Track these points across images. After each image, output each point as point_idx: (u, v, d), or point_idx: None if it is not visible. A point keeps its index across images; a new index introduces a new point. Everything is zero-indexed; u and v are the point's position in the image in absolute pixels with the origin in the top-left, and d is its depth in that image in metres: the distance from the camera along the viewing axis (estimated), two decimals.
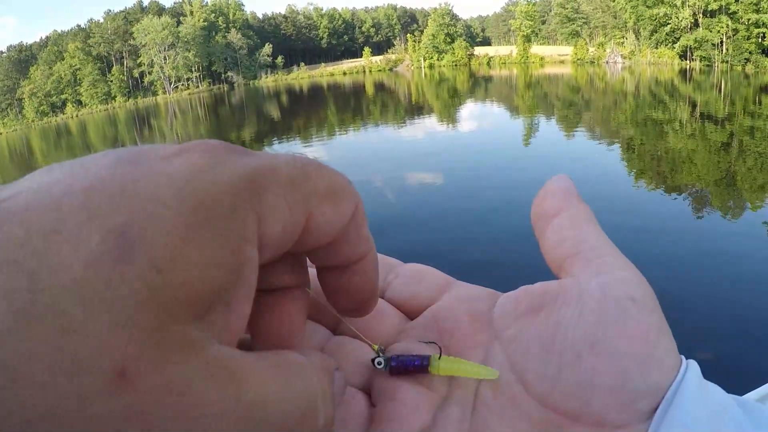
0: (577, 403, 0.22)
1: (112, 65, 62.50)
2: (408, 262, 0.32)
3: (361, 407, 0.26)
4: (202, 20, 61.80)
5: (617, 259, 0.25)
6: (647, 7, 41.32)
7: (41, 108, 59.49)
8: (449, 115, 18.23)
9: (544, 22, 66.26)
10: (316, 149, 13.28)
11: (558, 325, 0.24)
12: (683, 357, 0.24)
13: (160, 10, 66.45)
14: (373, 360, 0.27)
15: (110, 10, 65.61)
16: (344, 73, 58.10)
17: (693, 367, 0.23)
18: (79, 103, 60.37)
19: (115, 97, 61.47)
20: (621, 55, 46.38)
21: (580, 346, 0.23)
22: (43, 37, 66.12)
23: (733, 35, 35.55)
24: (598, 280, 0.24)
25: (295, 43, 74.79)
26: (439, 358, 0.26)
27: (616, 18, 50.96)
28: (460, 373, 0.25)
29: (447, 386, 0.26)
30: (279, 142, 16.04)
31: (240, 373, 0.16)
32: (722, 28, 36.00)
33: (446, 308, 0.29)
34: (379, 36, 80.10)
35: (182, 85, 61.59)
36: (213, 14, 63.06)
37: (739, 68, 33.64)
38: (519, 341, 0.25)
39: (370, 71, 59.31)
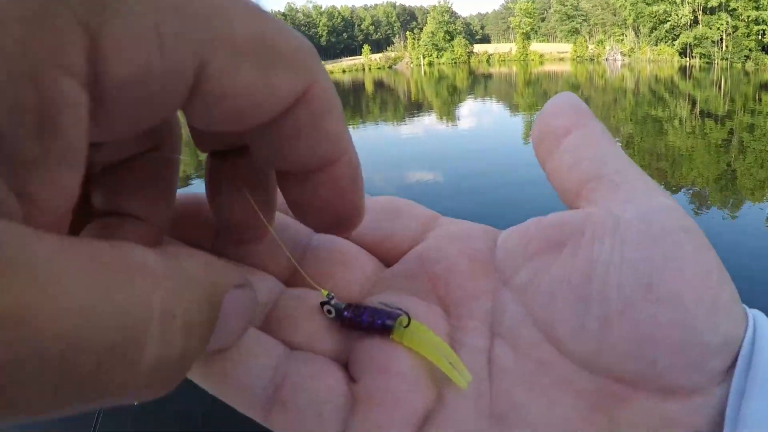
0: (637, 365, 0.17)
1: None
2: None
3: (337, 384, 0.20)
4: None
5: (650, 184, 0.20)
6: (647, 4, 41.31)
7: None
8: (449, 113, 18.21)
9: (543, 20, 66.22)
10: None
11: (593, 264, 0.19)
12: (744, 305, 0.19)
13: None
14: (322, 305, 0.21)
15: None
16: (343, 71, 57.95)
17: (761, 317, 0.19)
18: None
19: None
20: (620, 52, 46.37)
21: (631, 290, 0.18)
22: None
23: (733, 32, 35.56)
24: (636, 208, 0.19)
25: None
26: (407, 325, 0.20)
27: (615, 15, 50.96)
28: (427, 354, 0.20)
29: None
30: None
31: (6, 264, 0.09)
32: (722, 25, 36.02)
33: (435, 249, 0.23)
34: (379, 34, 80.00)
35: None
36: None
37: (739, 65, 33.63)
38: (537, 287, 0.20)
39: (370, 69, 59.17)
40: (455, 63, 56.28)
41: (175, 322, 0.12)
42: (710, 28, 37.16)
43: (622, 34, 48.72)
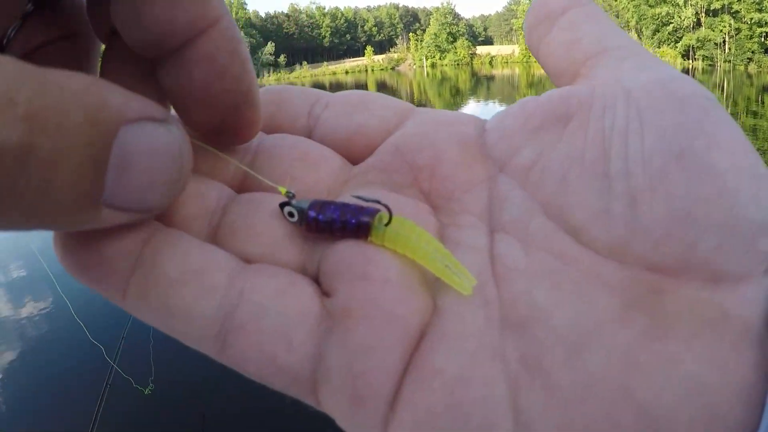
0: (676, 249, 0.15)
1: None
2: None
3: (308, 300, 0.16)
4: None
5: (657, 59, 0.18)
6: (649, 6, 41.32)
7: None
8: None
9: None
10: None
11: (607, 134, 0.16)
12: None
13: None
14: (282, 207, 0.17)
15: None
16: (346, 72, 58.00)
17: None
18: None
19: None
20: None
21: (660, 160, 0.15)
22: None
23: (736, 34, 35.54)
24: (647, 76, 0.17)
25: (298, 41, 74.75)
26: (388, 222, 0.16)
27: (618, 17, 50.96)
28: (416, 256, 0.16)
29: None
30: None
31: None
32: (725, 27, 36.01)
33: (416, 136, 0.20)
34: (382, 35, 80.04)
35: None
36: None
37: (742, 68, 33.62)
38: (544, 168, 0.17)
39: (372, 70, 59.21)
40: (458, 64, 56.27)
41: (14, 110, 0.11)
42: (713, 30, 37.14)
43: None
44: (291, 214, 0.17)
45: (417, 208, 0.18)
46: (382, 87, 34.79)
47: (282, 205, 0.17)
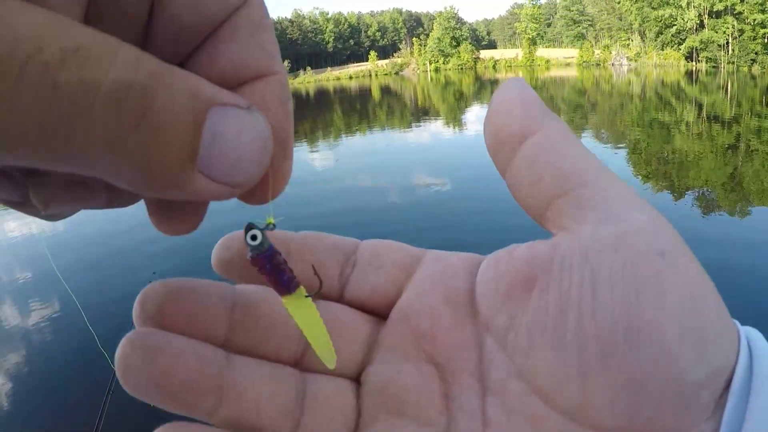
0: (622, 415, 0.16)
1: None
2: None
3: (345, 404, 0.21)
4: None
5: (623, 196, 0.18)
6: (652, 8, 41.31)
7: None
8: (455, 119, 18.29)
9: (549, 25, 66.25)
10: (322, 153, 13.40)
11: (564, 304, 0.17)
12: (737, 322, 0.18)
13: None
14: (246, 231, 0.20)
15: None
16: (350, 77, 58.14)
17: (757, 338, 0.17)
18: None
19: None
20: (626, 57, 46.34)
21: (609, 332, 0.16)
22: None
23: (739, 36, 35.48)
24: (605, 231, 0.17)
25: (302, 47, 75.02)
26: (307, 295, 0.21)
27: (621, 20, 50.96)
28: (304, 328, 0.20)
29: (445, 414, 0.20)
30: None
31: None
32: (728, 28, 35.97)
33: (417, 300, 0.22)
34: (385, 40, 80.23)
35: None
36: None
37: (746, 69, 33.54)
38: (516, 333, 0.19)
39: (376, 75, 59.33)
40: (461, 69, 56.35)
41: (138, 68, 0.13)
42: (716, 32, 37.10)
43: (628, 39, 48.67)
44: (254, 237, 0.19)
45: (422, 375, 0.21)
46: (386, 91, 34.86)
47: (248, 228, 0.19)
